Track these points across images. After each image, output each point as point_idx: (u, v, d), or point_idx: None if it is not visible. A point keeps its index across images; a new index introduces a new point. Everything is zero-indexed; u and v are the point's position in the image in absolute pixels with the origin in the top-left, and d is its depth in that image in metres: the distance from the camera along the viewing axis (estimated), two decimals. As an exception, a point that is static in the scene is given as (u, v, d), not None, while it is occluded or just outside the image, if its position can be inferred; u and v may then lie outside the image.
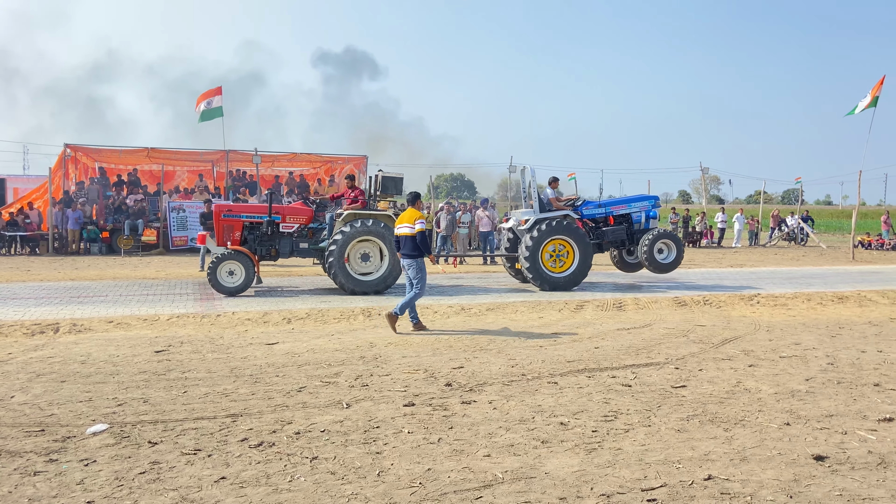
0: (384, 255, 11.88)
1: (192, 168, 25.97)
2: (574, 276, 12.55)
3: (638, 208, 13.68)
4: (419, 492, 3.73)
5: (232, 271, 11.49)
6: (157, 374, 6.26)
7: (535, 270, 12.37)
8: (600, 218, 13.56)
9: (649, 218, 13.65)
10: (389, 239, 11.60)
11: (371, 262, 11.96)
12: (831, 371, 6.59)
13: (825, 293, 12.14)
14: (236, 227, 12.03)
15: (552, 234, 12.41)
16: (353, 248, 11.78)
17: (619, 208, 13.68)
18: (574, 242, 12.53)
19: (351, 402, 5.44)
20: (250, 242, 12.10)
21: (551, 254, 12.53)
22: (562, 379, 6.21)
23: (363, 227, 11.66)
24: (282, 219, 12.14)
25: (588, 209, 13.48)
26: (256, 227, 12.16)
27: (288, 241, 12.19)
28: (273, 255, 12.29)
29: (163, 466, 4.07)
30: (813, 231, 31.15)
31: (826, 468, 4.09)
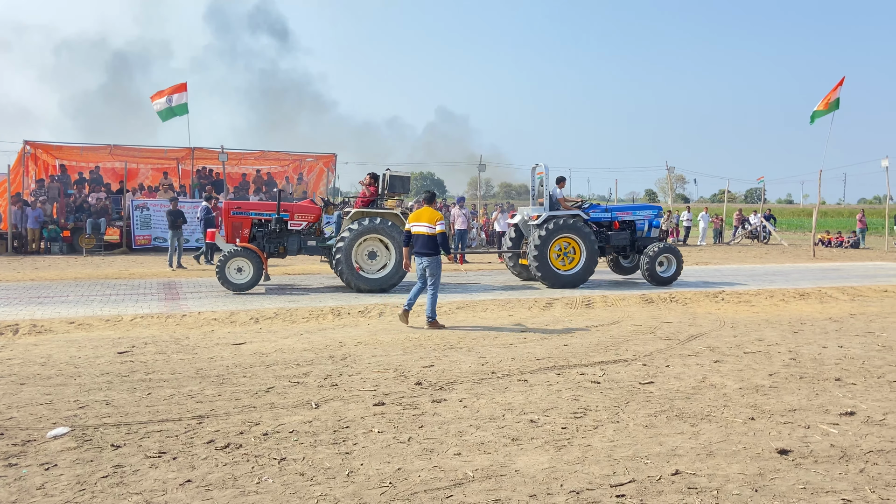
0: (391, 254, 11.96)
1: (157, 166, 25.50)
2: (581, 274, 12.78)
3: (642, 216, 13.97)
4: (389, 491, 3.71)
5: (241, 268, 11.61)
6: (121, 376, 6.13)
7: (544, 267, 12.57)
8: (605, 222, 13.74)
9: (652, 227, 13.92)
10: (397, 237, 11.71)
11: (378, 260, 12.04)
12: (794, 366, 6.73)
13: (787, 290, 12.39)
14: (245, 225, 12.16)
15: (562, 232, 12.63)
16: (361, 245, 11.88)
17: (624, 214, 13.94)
18: (582, 242, 12.76)
19: (320, 402, 5.38)
20: (259, 240, 12.20)
21: (559, 252, 12.74)
22: (532, 377, 6.23)
23: (371, 225, 11.76)
24: (290, 216, 12.32)
25: (595, 212, 13.70)
26: (265, 225, 12.29)
27: (296, 239, 12.34)
28: (281, 253, 12.41)
29: (126, 470, 3.97)
30: (775, 229, 31.81)
31: (790, 462, 4.17)
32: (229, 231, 12.12)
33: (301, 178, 26.65)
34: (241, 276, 11.59)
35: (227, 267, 11.49)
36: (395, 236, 11.75)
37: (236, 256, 11.56)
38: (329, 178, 26.31)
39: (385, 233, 11.79)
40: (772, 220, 31.89)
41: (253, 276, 11.59)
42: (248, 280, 11.58)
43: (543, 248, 12.53)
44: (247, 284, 11.58)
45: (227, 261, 11.50)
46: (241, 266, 11.60)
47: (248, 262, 11.60)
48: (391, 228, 11.78)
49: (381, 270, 11.98)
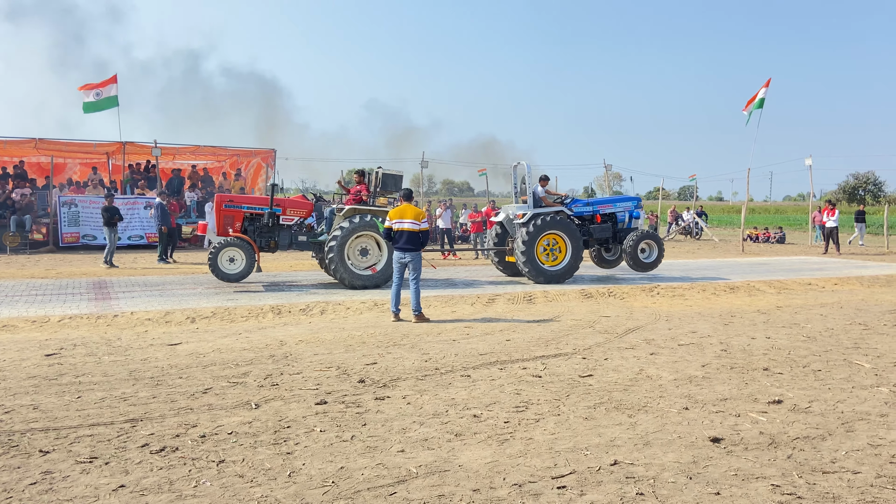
0: (383, 250, 11.99)
1: (86, 160, 24.49)
2: (567, 269, 12.98)
3: (622, 208, 14.27)
4: (332, 490, 3.67)
5: (233, 258, 11.48)
6: (48, 379, 5.87)
7: (531, 263, 12.74)
8: (587, 216, 13.97)
9: (632, 218, 14.25)
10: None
11: (370, 257, 12.03)
12: (725, 357, 6.98)
13: (718, 284, 12.85)
14: (237, 218, 12.06)
15: (547, 229, 12.80)
16: (353, 242, 11.87)
17: (605, 207, 14.20)
18: (567, 237, 12.97)
19: (260, 402, 5.28)
20: (250, 233, 12.12)
21: (545, 248, 12.91)
22: (475, 372, 6.27)
23: (363, 222, 11.76)
24: (283, 211, 12.28)
25: (577, 207, 13.88)
26: (257, 219, 12.23)
27: (287, 234, 12.33)
28: (272, 247, 12.34)
29: (56, 476, 3.81)
30: (707, 225, 32.95)
31: (722, 449, 4.33)
32: (220, 224, 11.97)
33: (239, 173, 26.07)
34: (233, 266, 11.48)
35: (219, 256, 11.35)
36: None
37: (229, 246, 11.45)
38: (268, 174, 25.82)
39: (377, 230, 11.80)
40: (703, 216, 33.02)
41: (245, 267, 11.50)
42: (240, 270, 11.49)
43: (531, 246, 12.73)
44: (239, 275, 11.48)
45: (220, 250, 11.38)
46: (234, 256, 11.49)
47: (240, 252, 11.51)
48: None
49: (374, 267, 12.00)
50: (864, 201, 63.77)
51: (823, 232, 22.20)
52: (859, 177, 70.23)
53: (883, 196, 68.29)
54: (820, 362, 6.77)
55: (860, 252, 22.77)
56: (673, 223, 32.34)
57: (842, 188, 69.75)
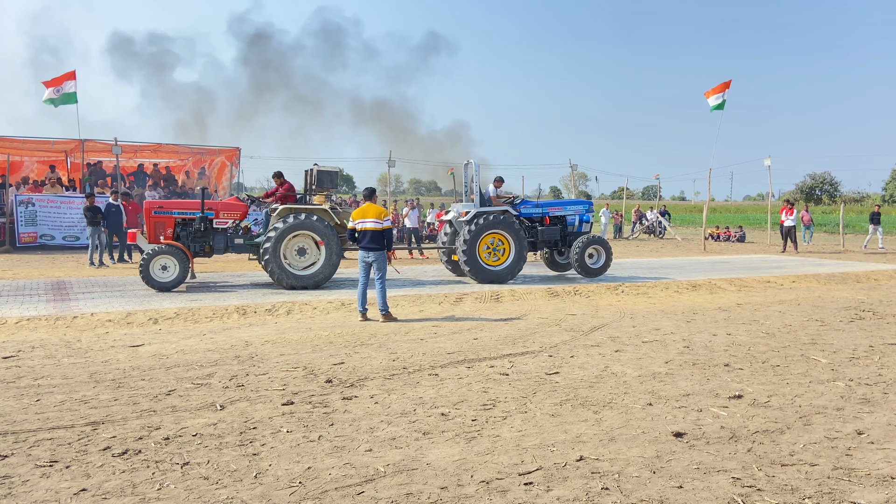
0: (321, 250, 11.74)
1: (43, 158, 23.86)
2: (509, 269, 12.88)
3: (573, 212, 14.18)
4: (299, 491, 3.65)
5: (165, 266, 11.17)
6: (6, 382, 5.72)
7: (472, 262, 12.64)
8: (536, 217, 13.92)
9: (583, 222, 14.18)
10: (326, 233, 11.57)
11: (308, 257, 11.79)
12: (687, 353, 7.12)
13: (681, 282, 13.08)
14: (168, 224, 11.71)
15: (490, 228, 12.71)
16: (289, 242, 11.61)
17: (555, 210, 14.13)
18: (510, 237, 12.87)
19: (225, 403, 5.22)
20: (183, 239, 11.74)
21: (488, 248, 12.82)
22: (442, 370, 6.29)
23: (298, 222, 11.52)
24: (215, 214, 11.91)
25: (526, 208, 13.83)
26: (189, 224, 11.84)
27: (222, 237, 11.99)
28: (207, 252, 11.99)
29: (15, 481, 3.72)
30: (670, 224, 33.51)
31: (685, 444, 4.41)
32: (151, 231, 11.64)
33: (203, 172, 25.68)
34: (166, 274, 11.18)
35: (151, 265, 11.05)
36: (324, 232, 11.59)
37: (161, 254, 11.15)
38: (232, 173, 25.49)
39: (314, 228, 11.59)
40: (667, 215, 33.57)
41: (179, 275, 11.22)
42: (173, 278, 11.19)
43: (472, 244, 12.64)
44: (172, 283, 11.19)
45: (152, 259, 11.07)
46: (166, 264, 11.19)
47: (173, 259, 11.21)
48: (319, 224, 11.60)
49: (311, 267, 11.80)
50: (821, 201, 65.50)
51: (781, 231, 22.73)
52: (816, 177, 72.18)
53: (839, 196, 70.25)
54: (778, 358, 6.94)
55: (817, 251, 23.38)
56: (637, 222, 32.81)
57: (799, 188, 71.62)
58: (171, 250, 11.28)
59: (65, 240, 19.81)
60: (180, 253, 11.31)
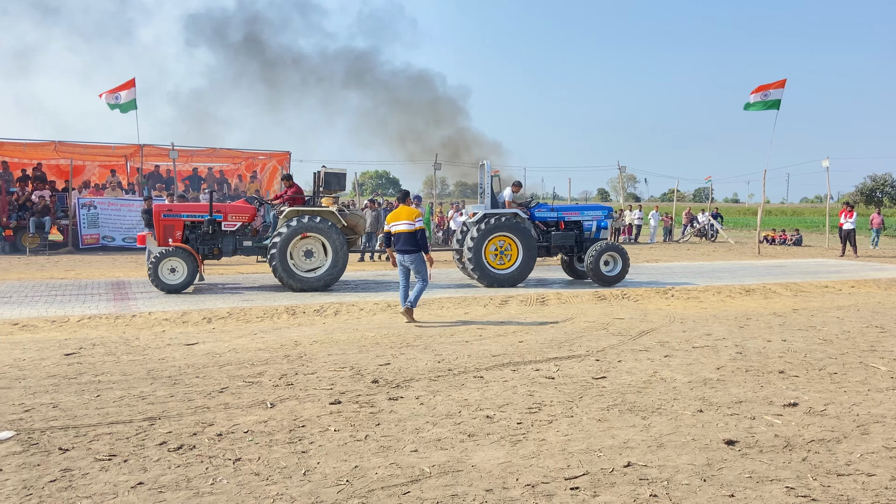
0: (328, 252, 11.81)
1: (104, 163, 24.77)
2: (516, 274, 12.68)
3: (590, 217, 13.80)
4: (346, 489, 3.71)
5: (174, 268, 11.34)
6: (68, 378, 5.96)
7: (478, 265, 12.51)
8: (552, 221, 13.67)
9: (601, 228, 13.77)
10: (333, 235, 11.64)
11: (315, 259, 11.87)
12: (740, 360, 6.95)
13: (734, 286, 12.77)
14: (177, 227, 11.89)
15: (498, 231, 12.57)
16: (296, 245, 11.72)
17: (571, 214, 13.82)
18: (519, 241, 12.68)
19: (275, 401, 5.34)
20: (192, 242, 11.93)
21: (496, 250, 12.66)
22: (487, 373, 6.29)
23: (303, 224, 11.61)
24: (224, 217, 12.06)
25: (540, 212, 13.62)
26: (198, 226, 12.02)
27: (231, 240, 12.11)
28: (216, 254, 12.14)
29: (75, 473, 3.88)
30: (722, 227, 32.75)
31: (736, 452, 4.32)
32: (161, 234, 11.83)
33: (255, 175, 26.26)
34: (174, 276, 11.34)
35: (160, 267, 11.22)
36: (331, 234, 11.65)
37: (169, 256, 11.31)
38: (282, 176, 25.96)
39: (320, 231, 11.65)
40: (719, 218, 32.81)
41: (187, 277, 11.35)
42: (181, 281, 11.32)
43: (478, 246, 12.48)
44: (180, 285, 11.32)
45: (160, 261, 11.24)
46: (175, 266, 11.35)
47: (181, 262, 11.35)
48: (326, 226, 11.67)
49: (318, 269, 11.84)
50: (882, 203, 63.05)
51: (840, 234, 21.98)
52: (877, 179, 69.47)
53: (901, 198, 67.52)
54: (836, 365, 6.72)
55: (878, 255, 22.52)
56: (688, 225, 32.17)
57: (859, 190, 69.03)
58: (180, 253, 11.42)
59: (124, 241, 20.50)
60: (189, 256, 11.43)
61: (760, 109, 22.00)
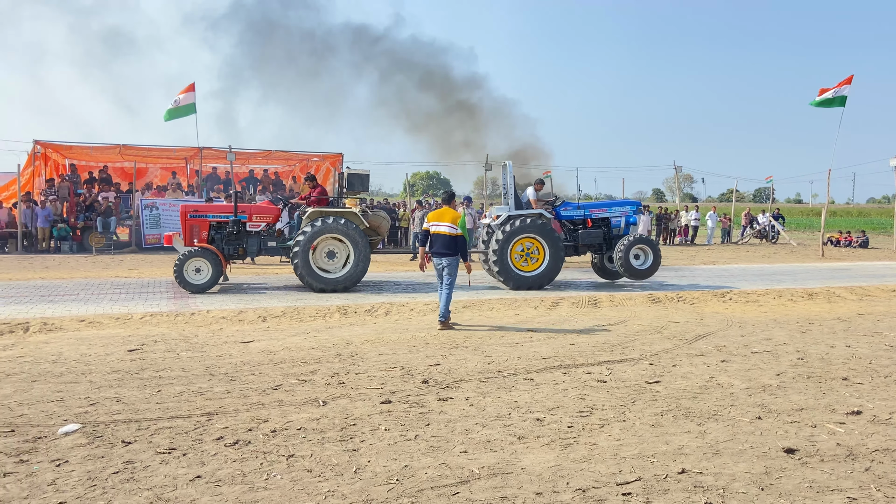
0: (350, 253, 11.84)
1: (166, 165, 25.61)
2: (543, 276, 12.46)
3: (618, 213, 13.47)
4: (396, 488, 3.74)
5: (199, 268, 11.51)
6: (131, 373, 6.19)
7: (503, 267, 12.33)
8: (578, 220, 13.44)
9: (629, 224, 13.47)
10: (355, 236, 11.68)
11: (337, 260, 11.93)
12: (801, 366, 6.72)
13: (795, 290, 12.36)
14: (203, 227, 12.07)
15: (523, 232, 12.37)
16: (319, 245, 11.77)
17: (598, 211, 13.52)
18: (545, 242, 12.45)
19: (327, 399, 5.42)
20: (217, 242, 12.09)
21: (522, 252, 12.48)
22: (538, 375, 6.25)
23: (325, 225, 11.68)
24: (248, 218, 12.19)
25: (566, 210, 13.38)
26: (223, 227, 12.19)
27: (255, 240, 12.24)
28: (241, 255, 12.31)
29: (137, 466, 4.02)
30: (784, 229, 31.69)
31: (796, 461, 4.18)
32: (187, 234, 12.03)
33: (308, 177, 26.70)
34: (199, 276, 11.48)
35: (185, 267, 11.39)
36: (353, 235, 11.70)
37: (194, 257, 11.47)
38: (336, 178, 26.35)
39: (342, 232, 11.70)
40: (780, 219, 31.75)
41: (211, 277, 11.49)
42: (206, 280, 11.46)
43: (504, 249, 12.30)
44: (205, 285, 11.47)
45: (185, 261, 11.40)
46: (200, 266, 11.49)
47: (206, 262, 11.49)
48: (348, 227, 11.71)
49: (340, 270, 11.89)
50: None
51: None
52: (951, 178, 66.10)
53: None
54: (905, 373, 6.43)
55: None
56: (747, 226, 31.26)
57: (931, 189, 65.80)
58: (205, 253, 11.56)
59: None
60: (213, 256, 11.57)
61: (827, 106, 21.24)
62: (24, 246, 19.69)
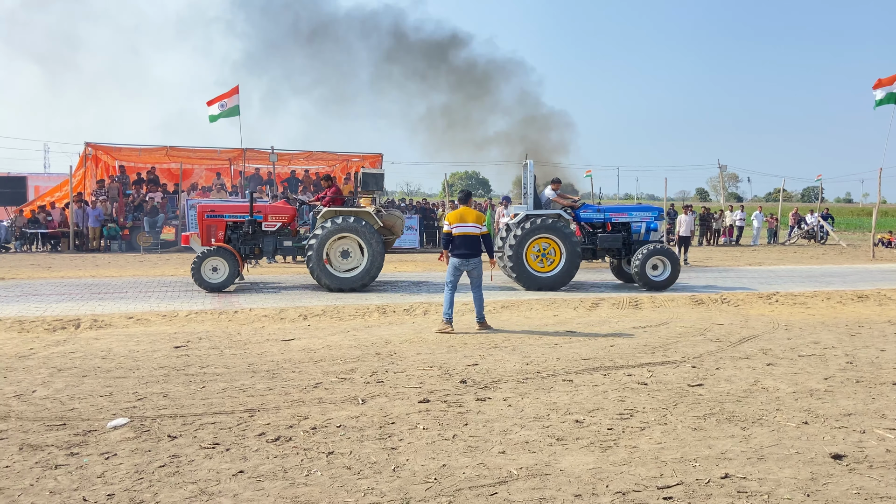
0: (364, 252, 11.88)
1: (210, 166, 26.16)
2: (558, 278, 12.31)
3: (639, 218, 13.26)
4: (434, 487, 3.75)
5: (216, 268, 11.69)
6: (176, 370, 6.34)
7: (519, 268, 12.23)
8: (598, 223, 13.27)
9: (650, 230, 13.21)
10: (368, 235, 11.72)
11: (351, 259, 11.98)
12: (850, 370, 6.53)
13: (845, 292, 12.01)
14: (219, 227, 12.25)
15: (539, 233, 12.25)
16: (333, 245, 11.84)
17: (618, 216, 13.32)
18: (561, 243, 12.30)
19: (366, 398, 5.47)
20: (234, 241, 12.26)
21: (538, 252, 12.37)
22: (577, 377, 6.20)
23: (339, 224, 11.73)
24: (264, 218, 12.33)
25: (586, 213, 13.23)
26: (239, 227, 12.36)
27: (271, 240, 12.37)
28: (257, 254, 12.46)
29: (182, 460, 4.12)
30: (833, 229, 30.80)
31: (844, 467, 4.06)
32: (204, 234, 12.21)
33: (349, 177, 26.98)
34: (216, 275, 11.63)
35: (202, 266, 11.56)
36: (367, 234, 11.72)
37: (211, 256, 11.63)
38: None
39: (356, 231, 11.73)
40: (829, 219, 30.86)
41: (228, 276, 11.64)
42: (223, 279, 11.61)
43: (519, 249, 12.18)
44: (222, 284, 11.61)
45: (203, 260, 11.57)
46: (216, 265, 11.65)
47: (223, 261, 11.64)
48: (363, 227, 11.74)
49: (354, 269, 11.90)
50: None
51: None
52: None
53: None
54: (961, 379, 6.19)
55: None
56: (795, 227, 30.46)
57: None
58: (222, 252, 11.71)
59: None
60: (230, 255, 11.70)
61: (892, 103, 20.45)
62: (76, 245, 20.36)
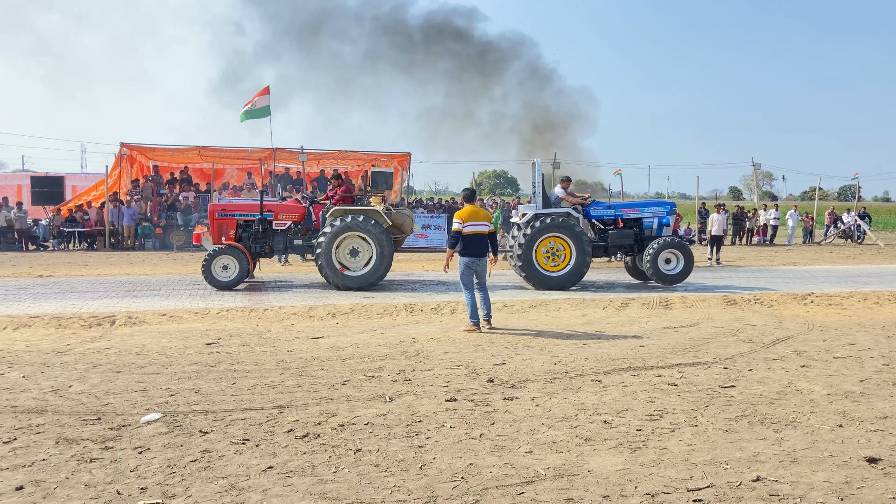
0: (373, 251, 11.87)
1: (242, 166, 26.49)
2: (570, 276, 12.20)
3: (651, 214, 13.10)
4: (461, 486, 3.75)
5: (226, 266, 11.77)
6: (208, 366, 6.44)
7: (528, 267, 12.14)
8: (609, 220, 13.14)
9: (662, 225, 13.05)
10: (377, 234, 11.72)
11: (360, 258, 11.97)
12: (887, 372, 6.37)
13: (882, 292, 11.72)
14: (230, 226, 12.34)
15: (549, 231, 12.15)
16: (342, 243, 11.86)
17: (629, 212, 13.20)
18: (571, 242, 12.17)
19: (394, 396, 5.49)
20: (245, 240, 12.36)
21: (548, 251, 12.26)
22: (605, 377, 6.15)
23: (347, 223, 11.73)
24: (274, 216, 12.41)
25: (597, 210, 13.10)
26: (250, 225, 12.45)
27: (281, 239, 12.45)
28: (267, 253, 12.55)
29: (213, 455, 4.18)
30: (870, 228, 30.10)
31: (879, 470, 3.97)
32: (215, 232, 12.29)
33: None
34: (226, 273, 11.70)
35: (212, 265, 11.64)
36: (375, 233, 11.71)
37: (222, 254, 11.70)
38: (403, 177, 26.64)
39: (365, 230, 11.72)
40: (867, 218, 30.18)
41: (238, 274, 11.71)
42: (233, 277, 11.68)
43: (529, 248, 12.08)
44: (232, 282, 11.68)
45: (213, 259, 11.64)
46: (227, 264, 11.71)
47: (233, 259, 11.70)
48: (371, 225, 11.72)
49: (364, 268, 11.88)
50: None
51: None
52: None
53: None
54: None
55: None
56: (831, 226, 29.83)
57: None
58: (232, 251, 11.77)
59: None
60: (240, 253, 11.76)
61: None
62: (112, 243, 20.78)
